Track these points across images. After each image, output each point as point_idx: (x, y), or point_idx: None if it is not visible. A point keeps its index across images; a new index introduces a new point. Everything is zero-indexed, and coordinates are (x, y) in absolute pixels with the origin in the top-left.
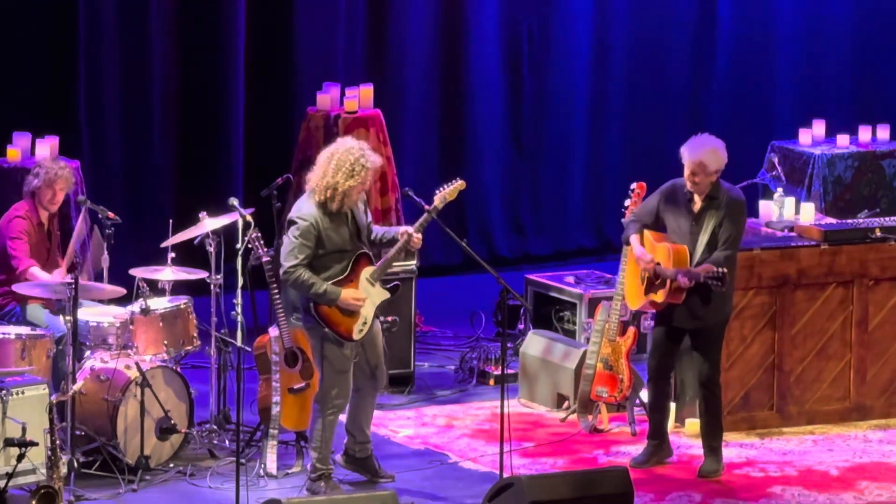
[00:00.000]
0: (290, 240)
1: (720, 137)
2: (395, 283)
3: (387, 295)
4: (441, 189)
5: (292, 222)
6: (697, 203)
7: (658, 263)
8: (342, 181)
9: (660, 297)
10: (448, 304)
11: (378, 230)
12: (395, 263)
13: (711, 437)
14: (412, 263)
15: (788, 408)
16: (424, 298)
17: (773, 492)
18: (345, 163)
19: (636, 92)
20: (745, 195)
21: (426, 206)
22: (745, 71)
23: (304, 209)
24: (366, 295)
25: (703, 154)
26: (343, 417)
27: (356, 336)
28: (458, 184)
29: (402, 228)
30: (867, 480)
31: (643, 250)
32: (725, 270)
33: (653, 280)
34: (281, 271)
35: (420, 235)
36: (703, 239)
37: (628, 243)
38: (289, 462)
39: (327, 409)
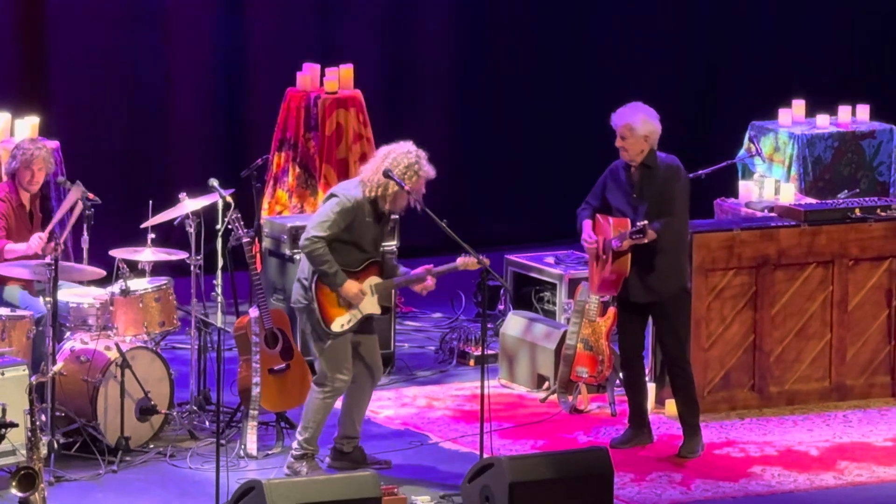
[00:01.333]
0: (325, 211)
1: (700, 118)
2: (389, 306)
3: (378, 311)
4: (466, 256)
5: (334, 196)
6: (635, 176)
7: (603, 240)
8: (393, 184)
9: (606, 270)
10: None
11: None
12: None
13: (686, 415)
14: (393, 244)
15: (768, 388)
16: None
17: (754, 472)
18: (399, 164)
19: (617, 72)
20: (725, 176)
21: (434, 216)
22: (724, 50)
23: (352, 191)
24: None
25: (629, 117)
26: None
27: (335, 328)
28: (484, 261)
29: (424, 267)
30: (847, 460)
31: (588, 231)
32: (645, 223)
33: (601, 258)
34: (303, 237)
35: (434, 281)
36: (643, 209)
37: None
38: (269, 443)
39: (327, 391)
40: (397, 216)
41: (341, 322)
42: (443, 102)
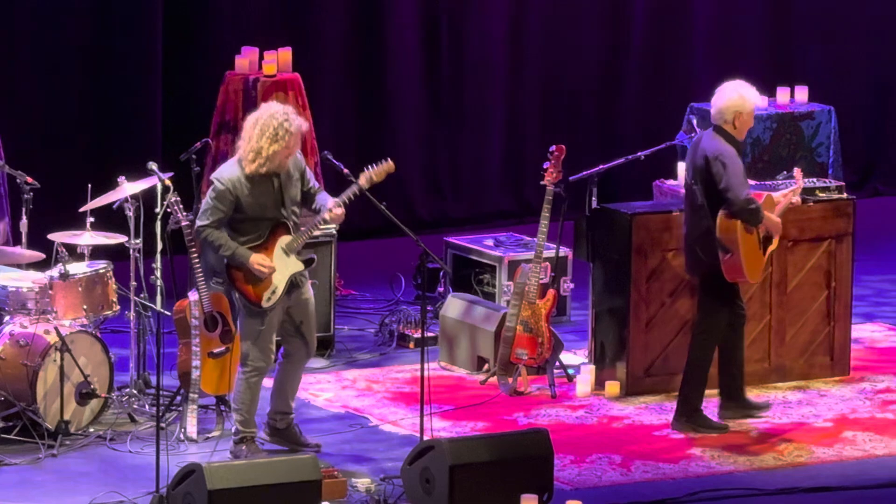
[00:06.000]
0: (206, 200)
1: (638, 100)
2: (311, 256)
3: (301, 267)
4: (368, 168)
5: (211, 181)
6: None
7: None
8: (266, 146)
9: (774, 244)
10: (368, 267)
11: (321, 199)
12: (321, 227)
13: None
14: (332, 227)
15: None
16: (344, 262)
17: (694, 453)
18: (268, 127)
19: (554, 55)
20: (664, 157)
21: (344, 170)
22: (663, 32)
23: (226, 173)
24: (277, 264)
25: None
26: (270, 383)
27: (265, 303)
28: (387, 165)
29: (331, 201)
30: (786, 441)
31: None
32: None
33: (767, 235)
34: (195, 228)
35: (342, 210)
36: None
37: (760, 219)
38: (209, 426)
39: (249, 371)
40: (302, 166)
41: (268, 296)
42: (379, 85)
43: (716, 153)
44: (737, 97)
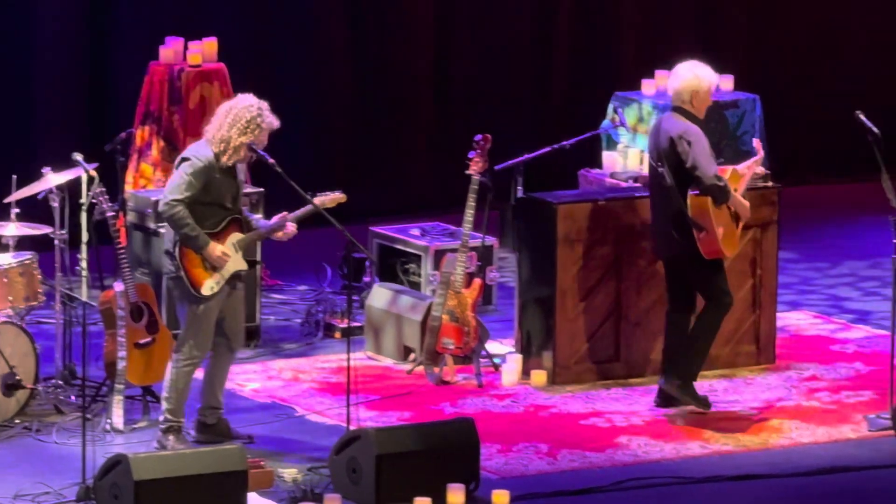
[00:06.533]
0: (180, 175)
1: (563, 88)
2: (256, 258)
3: (244, 266)
4: (323, 195)
5: (186, 158)
6: None
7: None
8: (235, 136)
9: (744, 218)
10: (294, 257)
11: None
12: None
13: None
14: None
15: (634, 358)
16: (270, 252)
17: (620, 442)
18: (241, 119)
19: (482, 44)
20: (589, 146)
21: (269, 160)
22: (587, 21)
23: (202, 151)
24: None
25: None
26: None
27: (205, 291)
28: (339, 196)
29: (291, 218)
30: (712, 429)
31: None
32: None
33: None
34: (161, 202)
35: (294, 227)
36: None
37: (728, 195)
38: (135, 417)
39: (183, 359)
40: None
41: (210, 285)
42: (306, 75)
43: (680, 133)
44: (692, 77)
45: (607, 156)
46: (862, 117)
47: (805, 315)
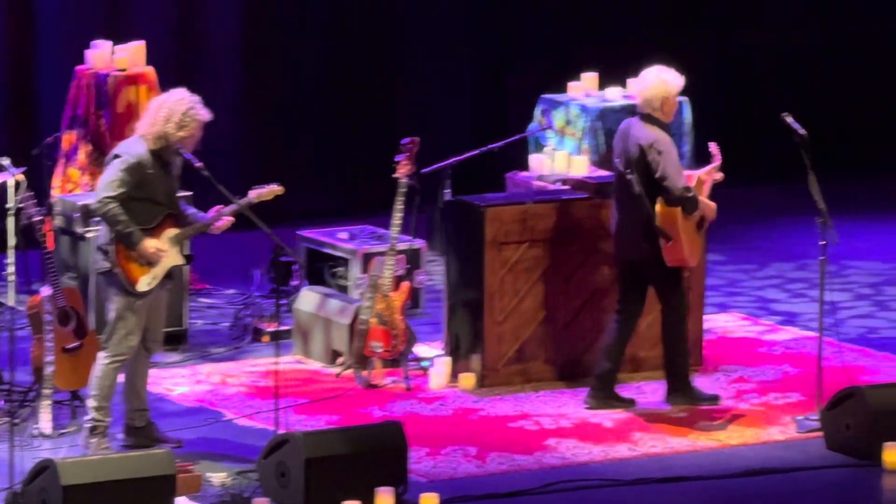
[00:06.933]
0: (112, 172)
1: (491, 91)
2: (190, 253)
3: (181, 261)
4: (259, 188)
5: (118, 155)
6: None
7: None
8: (171, 131)
9: (706, 225)
10: (222, 261)
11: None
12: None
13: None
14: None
15: (562, 360)
16: (198, 255)
17: (549, 444)
18: (175, 113)
19: (410, 48)
20: (516, 149)
21: (197, 163)
22: (515, 23)
23: (134, 148)
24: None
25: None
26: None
27: (140, 287)
28: (277, 189)
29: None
30: (641, 431)
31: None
32: None
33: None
34: (94, 200)
35: (229, 220)
36: None
37: (697, 205)
38: (63, 422)
39: (110, 357)
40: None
41: (147, 280)
42: (235, 78)
43: (650, 141)
44: (662, 83)
45: (535, 158)
46: (789, 119)
47: (733, 317)
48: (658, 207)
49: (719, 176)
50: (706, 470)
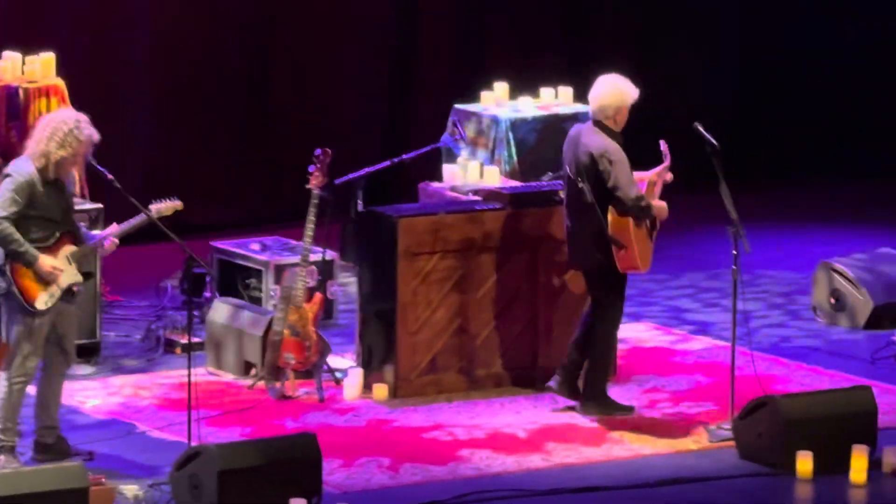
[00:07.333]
0: (2, 192)
1: (403, 102)
2: (90, 270)
3: (79, 279)
4: (160, 202)
5: (8, 175)
6: None
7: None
8: (54, 150)
9: (657, 229)
10: (134, 273)
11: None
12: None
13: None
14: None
15: (476, 371)
16: (110, 267)
17: (462, 455)
18: (58, 132)
19: (304, 57)
20: (429, 160)
21: (108, 175)
22: (429, 34)
23: (24, 167)
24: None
25: None
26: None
27: (39, 305)
28: (177, 204)
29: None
30: (554, 442)
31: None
32: None
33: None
34: None
35: (114, 242)
36: None
37: (650, 213)
38: None
39: (15, 376)
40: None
41: (44, 299)
42: (147, 90)
43: (602, 151)
44: (617, 92)
45: (447, 169)
46: (700, 129)
47: (645, 326)
48: (610, 217)
49: (669, 176)
50: (619, 480)
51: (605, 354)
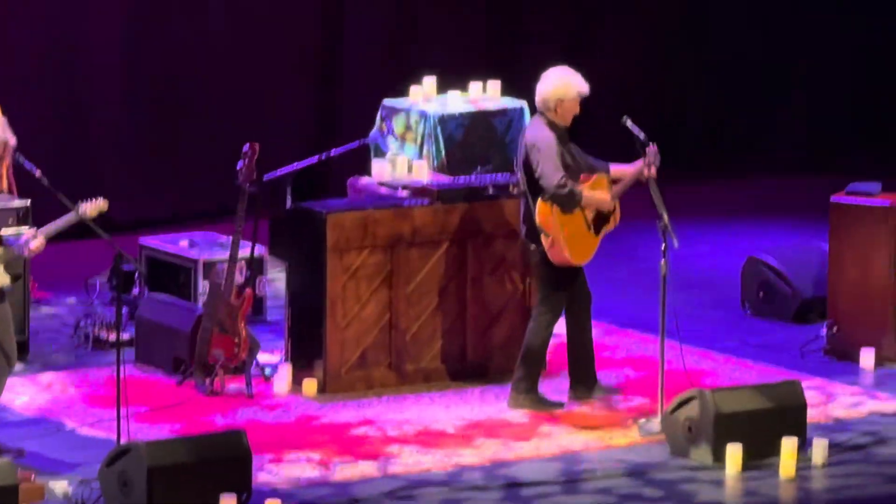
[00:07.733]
0: None
1: (330, 97)
2: (19, 272)
3: (6, 282)
4: (88, 201)
5: None
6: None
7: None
8: None
9: (611, 224)
10: (62, 269)
11: None
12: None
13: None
14: (24, 228)
15: (405, 366)
16: (38, 264)
17: (391, 451)
18: None
19: (231, 52)
20: (357, 155)
21: (36, 172)
22: (358, 29)
23: None
24: None
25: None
26: None
27: None
28: (101, 204)
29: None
30: (484, 437)
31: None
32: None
33: (600, 216)
34: None
35: (40, 243)
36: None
37: (577, 201)
38: None
39: None
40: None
41: None
42: (70, 85)
43: (533, 140)
44: (561, 84)
45: (376, 164)
46: (629, 123)
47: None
48: (538, 205)
49: (647, 173)
50: (548, 475)
51: (537, 348)
